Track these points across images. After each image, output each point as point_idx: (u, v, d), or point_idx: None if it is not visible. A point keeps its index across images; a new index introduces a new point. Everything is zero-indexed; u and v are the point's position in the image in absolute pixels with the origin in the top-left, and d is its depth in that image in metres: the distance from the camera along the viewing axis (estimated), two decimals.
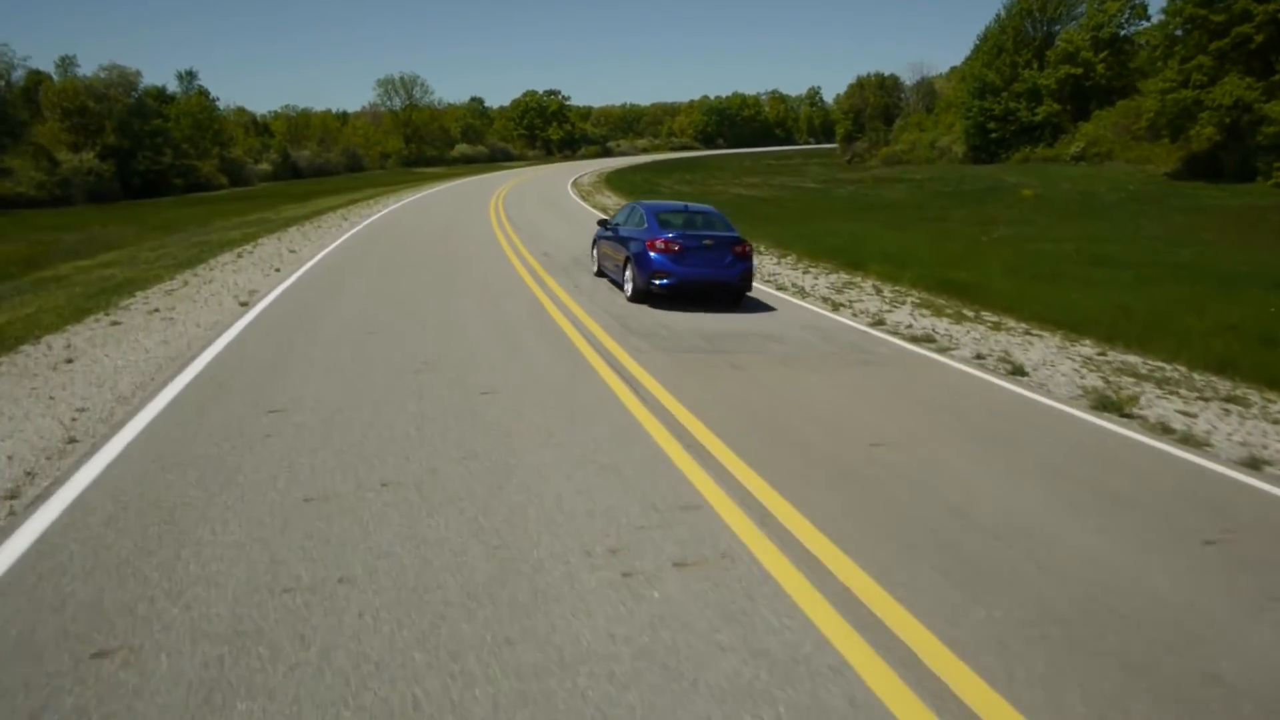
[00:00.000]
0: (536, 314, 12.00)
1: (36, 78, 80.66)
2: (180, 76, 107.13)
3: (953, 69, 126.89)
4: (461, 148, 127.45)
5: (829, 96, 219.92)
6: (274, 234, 25.24)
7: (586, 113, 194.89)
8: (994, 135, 73.02)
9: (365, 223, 27.11)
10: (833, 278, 16.94)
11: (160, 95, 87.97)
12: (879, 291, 15.37)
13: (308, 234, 24.42)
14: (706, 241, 12.99)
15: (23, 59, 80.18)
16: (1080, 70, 67.65)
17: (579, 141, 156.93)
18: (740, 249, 12.99)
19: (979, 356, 10.23)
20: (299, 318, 11.42)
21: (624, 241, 13.92)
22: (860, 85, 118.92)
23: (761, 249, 21.51)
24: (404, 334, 10.39)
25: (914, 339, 11.11)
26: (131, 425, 6.85)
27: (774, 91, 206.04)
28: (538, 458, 6.22)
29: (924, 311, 13.33)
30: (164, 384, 8.14)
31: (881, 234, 24.07)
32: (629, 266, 13.35)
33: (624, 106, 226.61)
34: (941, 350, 10.51)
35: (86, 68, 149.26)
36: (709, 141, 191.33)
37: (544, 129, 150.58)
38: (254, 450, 6.27)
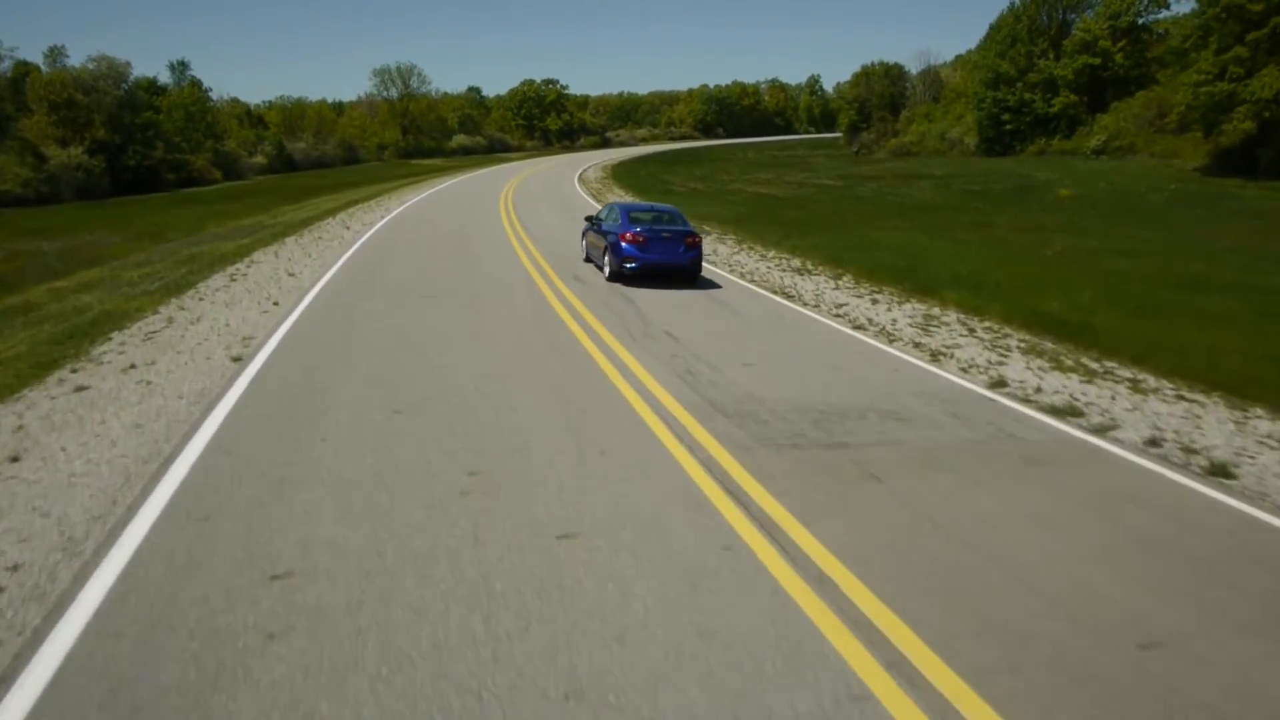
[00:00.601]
0: (593, 379, 9.92)
1: (24, 69, 77.98)
2: (172, 67, 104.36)
3: (958, 57, 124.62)
4: (459, 139, 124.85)
5: (829, 85, 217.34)
6: (271, 245, 23.06)
7: (584, 101, 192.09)
8: (1008, 127, 70.84)
9: (369, 232, 24.93)
10: (907, 309, 14.85)
11: (151, 87, 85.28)
12: (969, 329, 13.29)
13: (307, 247, 22.25)
14: (665, 235, 16.24)
15: (9, 50, 77.45)
16: (1098, 60, 65.42)
17: (577, 131, 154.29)
18: (691, 240, 16.43)
19: (1153, 444, 8.15)
20: (303, 387, 9.29)
21: (604, 234, 17.02)
22: (865, 74, 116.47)
23: (811, 266, 19.40)
24: (437, 414, 8.29)
25: (1055, 411, 9.03)
26: (77, 608, 4.75)
27: (773, 80, 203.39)
28: (664, 688, 4.14)
29: (1040, 363, 11.24)
30: (128, 514, 6.04)
31: (932, 246, 21.97)
32: (607, 253, 16.56)
33: (621, 95, 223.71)
34: (1101, 432, 8.43)
35: (76, 59, 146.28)
36: (708, 131, 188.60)
37: (542, 119, 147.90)
38: (251, 676, 4.17)
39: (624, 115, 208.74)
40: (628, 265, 15.94)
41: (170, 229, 30.09)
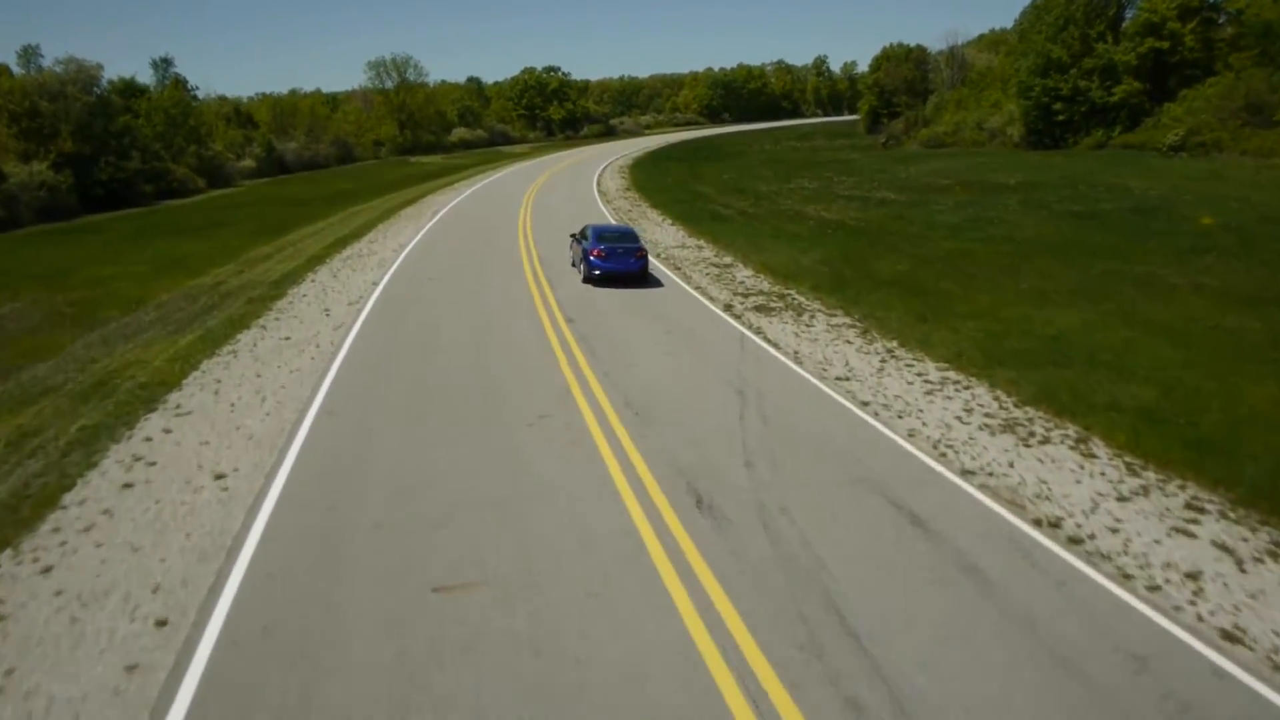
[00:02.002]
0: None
1: None
2: (155, 64, 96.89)
3: (982, 37, 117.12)
4: (459, 132, 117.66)
5: (836, 65, 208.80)
6: (221, 350, 16.60)
7: (585, 86, 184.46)
8: (1060, 118, 63.91)
9: (361, 317, 18.40)
10: (1147, 504, 8.47)
11: (129, 89, 78.16)
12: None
13: (280, 350, 15.78)
14: (620, 250, 21.16)
15: None
16: (1166, 44, 58.41)
17: (581, 121, 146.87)
18: (639, 252, 21.45)
19: None
20: None
21: (581, 248, 21.91)
22: (885, 57, 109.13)
23: (1028, 416, 12.81)
24: None
25: None
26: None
27: (779, 62, 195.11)
28: None
29: None
30: None
31: (1140, 345, 15.46)
32: (582, 262, 21.66)
33: (623, 79, 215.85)
34: None
35: (54, 59, 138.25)
36: (713, 116, 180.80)
37: (544, 108, 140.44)
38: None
39: (626, 100, 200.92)
40: (595, 272, 20.78)
41: (111, 294, 23.55)
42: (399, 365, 14.56)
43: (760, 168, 62.48)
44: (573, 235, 23.81)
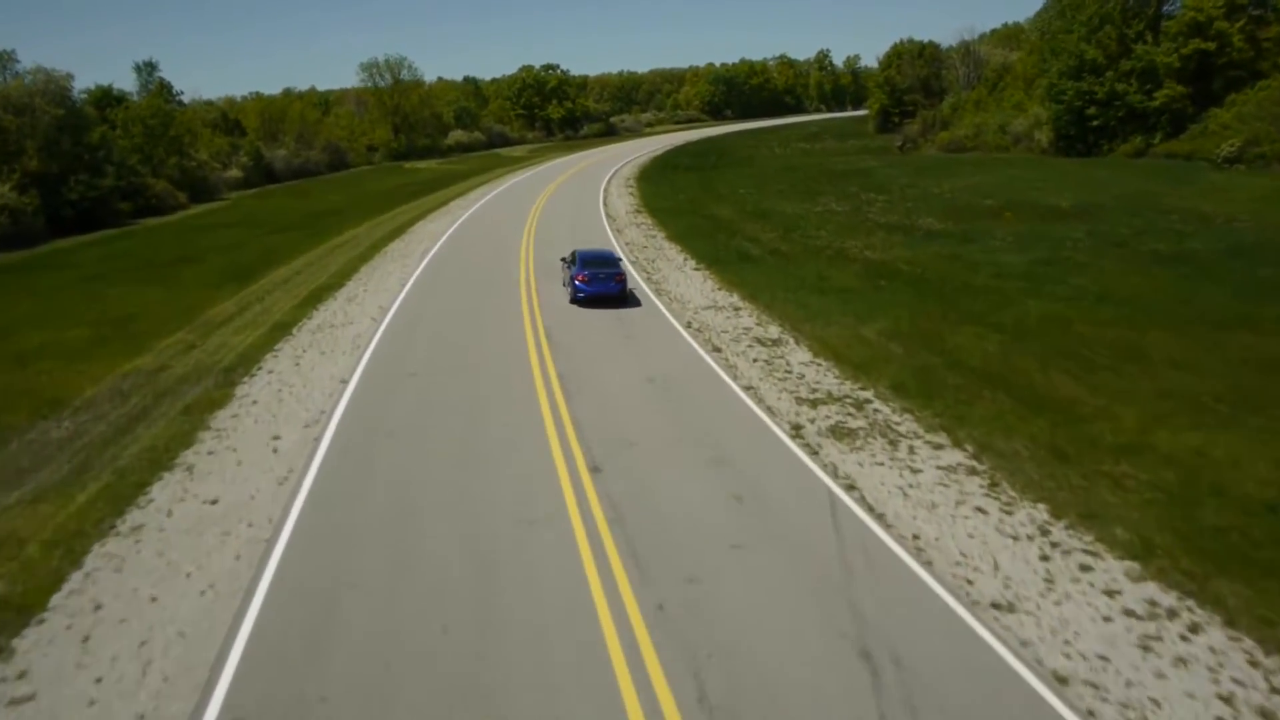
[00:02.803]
0: None
1: None
2: (138, 69, 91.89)
3: (995, 31, 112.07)
4: (456, 135, 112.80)
5: (839, 59, 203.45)
6: (143, 496, 12.20)
7: (584, 83, 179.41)
8: (1094, 123, 59.29)
9: (317, 460, 13.93)
10: None
11: (105, 98, 73.26)
12: None
13: (199, 528, 11.32)
14: (602, 275, 23.32)
15: None
16: (1213, 45, 53.74)
17: (580, 120, 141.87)
18: (619, 276, 23.66)
19: None
20: None
21: (569, 273, 24.17)
22: (898, 54, 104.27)
23: (1181, 604, 8.35)
24: None
25: None
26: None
27: (782, 56, 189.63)
28: None
29: None
30: None
31: None
32: (570, 284, 23.83)
33: (621, 75, 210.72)
34: None
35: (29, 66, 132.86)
36: (715, 113, 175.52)
37: (543, 108, 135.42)
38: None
39: (625, 96, 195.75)
40: (580, 294, 23.33)
41: (28, 383, 19.09)
42: (362, 593, 9.98)
43: (776, 178, 57.90)
44: (563, 259, 26.29)
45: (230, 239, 43.39)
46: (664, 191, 52.60)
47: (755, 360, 18.52)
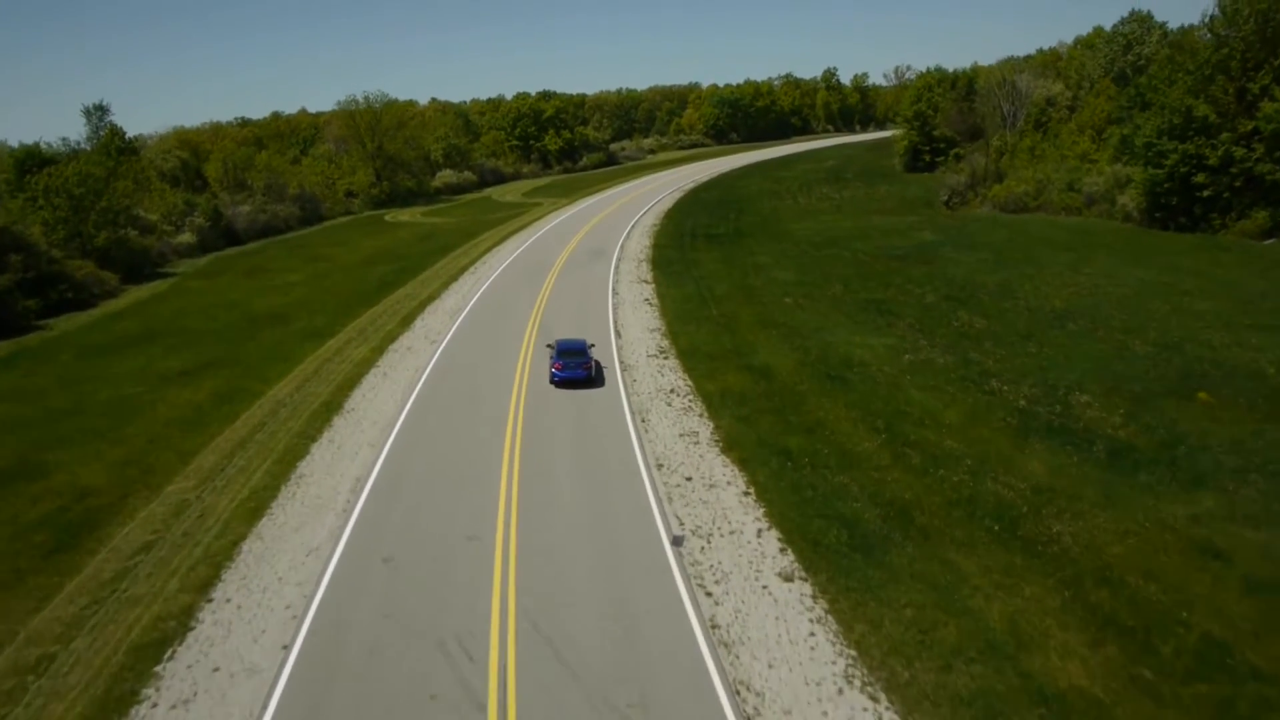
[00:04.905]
0: None
1: None
2: (87, 112, 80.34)
3: (1028, 58, 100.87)
4: (444, 175, 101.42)
5: (846, 77, 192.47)
6: None
7: (580, 101, 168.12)
8: (1204, 193, 48.30)
9: None
10: None
11: (29, 159, 61.72)
12: None
13: None
14: (573, 364, 27.05)
15: None
16: None
17: (579, 150, 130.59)
18: (586, 365, 27.25)
19: None
20: None
21: (550, 359, 27.80)
22: (927, 85, 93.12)
23: None
24: None
25: None
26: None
27: (787, 75, 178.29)
28: None
29: None
30: None
31: None
32: (550, 369, 27.41)
33: (620, 93, 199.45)
34: None
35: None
36: (720, 136, 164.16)
37: (540, 138, 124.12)
38: None
39: (625, 116, 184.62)
40: (557, 379, 27.09)
41: None
42: None
43: (822, 265, 46.75)
44: (548, 345, 29.50)
45: (139, 365, 32.30)
46: (689, 295, 41.36)
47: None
